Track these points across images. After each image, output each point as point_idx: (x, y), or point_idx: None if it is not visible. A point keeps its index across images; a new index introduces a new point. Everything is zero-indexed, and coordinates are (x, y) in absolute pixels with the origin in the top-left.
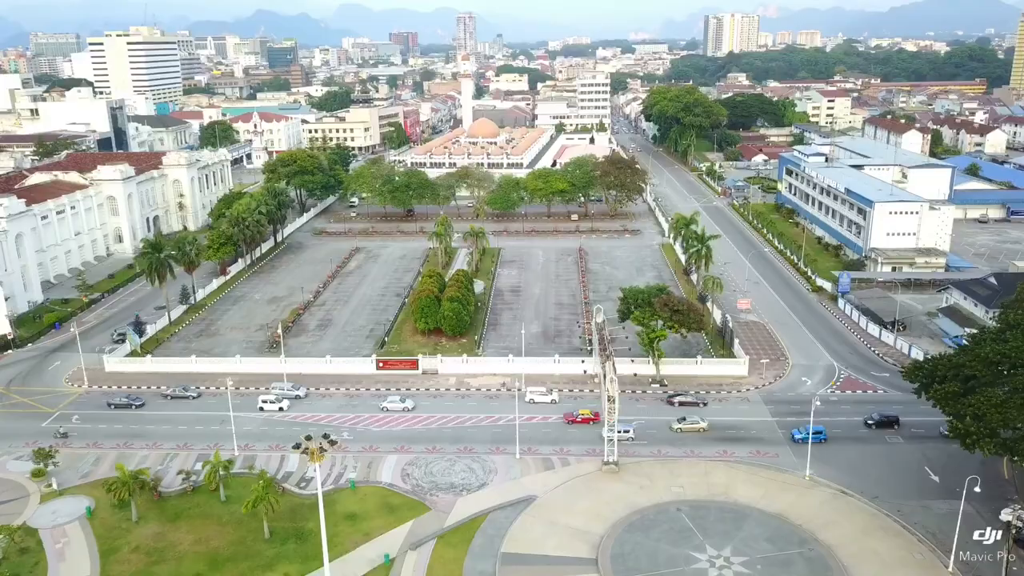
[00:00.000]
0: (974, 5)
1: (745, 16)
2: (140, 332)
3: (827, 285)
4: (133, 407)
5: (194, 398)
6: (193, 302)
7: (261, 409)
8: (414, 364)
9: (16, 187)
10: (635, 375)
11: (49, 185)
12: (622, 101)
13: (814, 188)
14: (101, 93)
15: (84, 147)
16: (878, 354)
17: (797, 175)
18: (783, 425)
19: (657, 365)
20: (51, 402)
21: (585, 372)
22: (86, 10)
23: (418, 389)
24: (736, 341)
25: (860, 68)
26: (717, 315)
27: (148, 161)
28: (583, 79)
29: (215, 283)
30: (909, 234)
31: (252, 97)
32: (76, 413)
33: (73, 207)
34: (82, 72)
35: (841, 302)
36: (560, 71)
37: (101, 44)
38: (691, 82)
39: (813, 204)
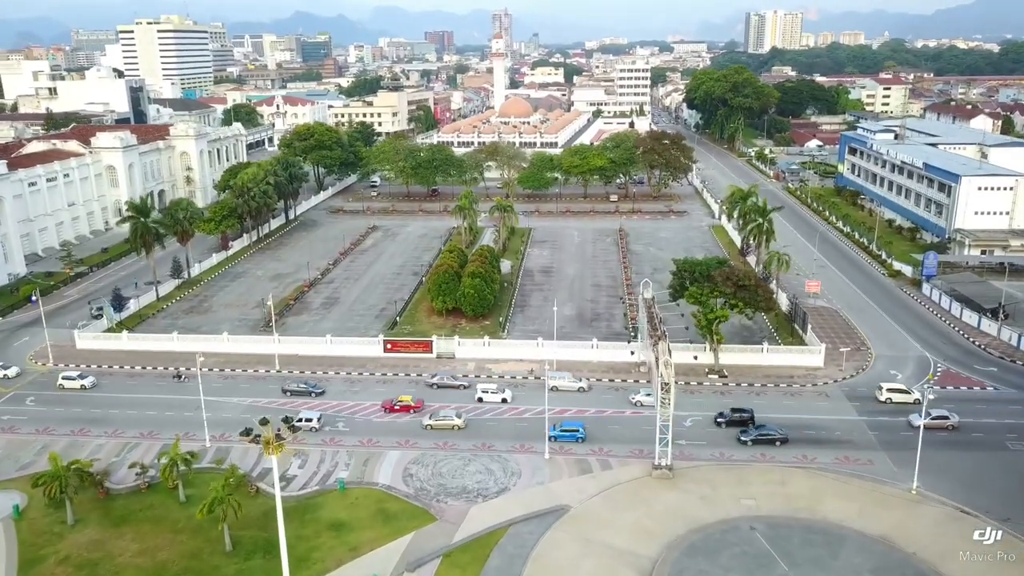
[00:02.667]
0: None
1: (788, 13)
2: (120, 307)
3: (906, 269)
4: (313, 395)
5: (465, 387)
6: (186, 277)
7: (480, 400)
8: (427, 347)
9: (13, 155)
10: (695, 358)
11: (45, 153)
12: (661, 93)
13: (883, 166)
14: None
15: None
16: (979, 345)
17: (862, 154)
18: (874, 426)
19: (716, 352)
20: (7, 382)
21: (633, 354)
22: (128, 10)
23: (433, 375)
24: (809, 327)
25: (910, 64)
26: (782, 300)
27: (155, 133)
28: (623, 64)
29: (215, 258)
30: (1001, 213)
31: (282, 87)
32: (32, 395)
33: (67, 175)
34: (115, 62)
35: (926, 287)
36: (597, 66)
37: (131, 32)
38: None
39: (882, 184)
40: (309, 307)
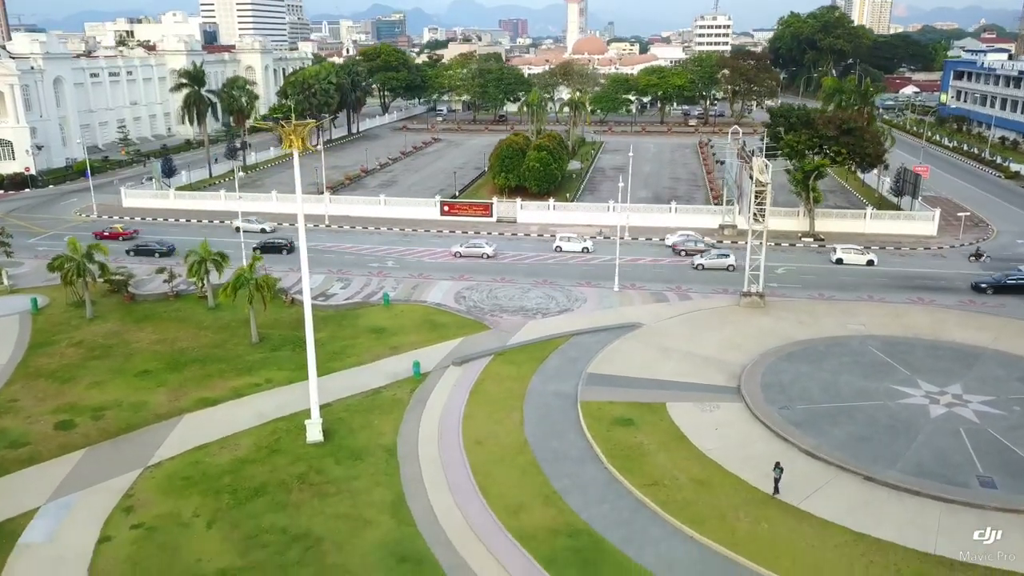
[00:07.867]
0: None
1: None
2: (169, 171)
3: None
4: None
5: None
6: (242, 160)
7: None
8: (487, 209)
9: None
10: (801, 214)
11: (111, 56)
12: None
13: (997, 83)
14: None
15: None
16: None
17: (970, 76)
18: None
19: (812, 214)
20: (49, 225)
21: (724, 222)
22: None
23: (490, 232)
24: (920, 196)
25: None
26: (885, 183)
27: (222, 50)
28: (702, 21)
29: (272, 152)
30: None
31: None
32: (70, 233)
33: (130, 72)
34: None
35: None
36: (674, 42)
37: None
38: None
39: (993, 104)
40: (365, 186)
